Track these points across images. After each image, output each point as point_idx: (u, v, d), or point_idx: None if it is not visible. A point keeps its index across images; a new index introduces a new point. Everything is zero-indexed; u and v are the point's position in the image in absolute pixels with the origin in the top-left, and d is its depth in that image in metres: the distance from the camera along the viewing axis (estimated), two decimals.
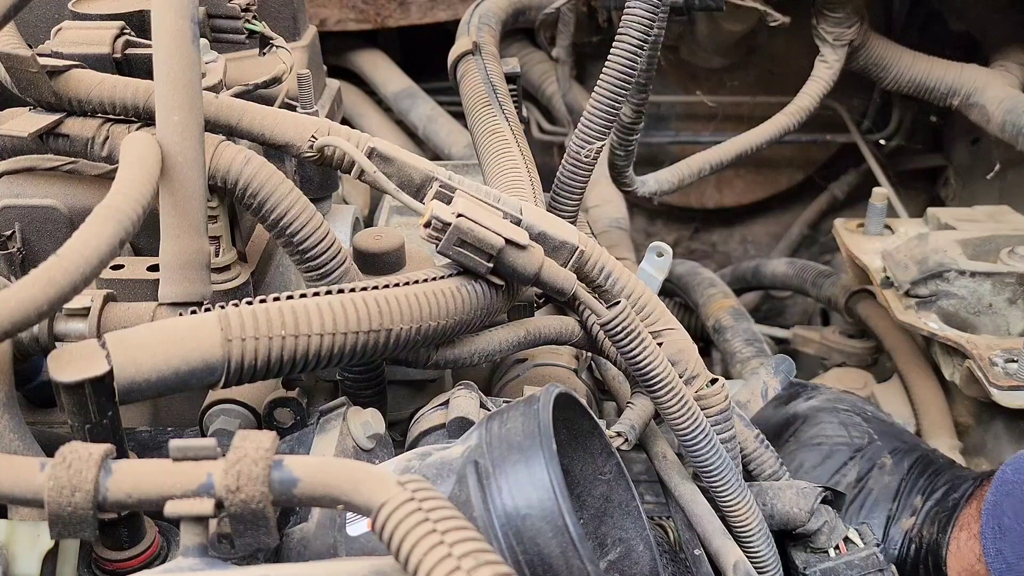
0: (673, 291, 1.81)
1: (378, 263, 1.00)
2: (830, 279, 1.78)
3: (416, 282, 0.85)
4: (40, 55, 0.89)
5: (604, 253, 0.97)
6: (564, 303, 0.98)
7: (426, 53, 1.98)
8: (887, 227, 1.62)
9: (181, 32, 0.82)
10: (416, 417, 0.96)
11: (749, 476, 1.10)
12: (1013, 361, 1.28)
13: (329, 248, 0.89)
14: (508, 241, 0.86)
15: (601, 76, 1.12)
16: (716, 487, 0.95)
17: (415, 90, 2.00)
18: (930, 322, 1.40)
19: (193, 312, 0.77)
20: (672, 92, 2.15)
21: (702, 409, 0.94)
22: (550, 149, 2.13)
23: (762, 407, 1.17)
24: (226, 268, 0.95)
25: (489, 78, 1.27)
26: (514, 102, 1.27)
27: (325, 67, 1.45)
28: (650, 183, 1.53)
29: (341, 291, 0.80)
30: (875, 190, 1.59)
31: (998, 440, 1.45)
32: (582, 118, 1.14)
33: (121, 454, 0.70)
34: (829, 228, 1.89)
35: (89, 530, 0.60)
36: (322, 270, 0.90)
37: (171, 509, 0.59)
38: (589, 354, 1.19)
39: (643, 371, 0.91)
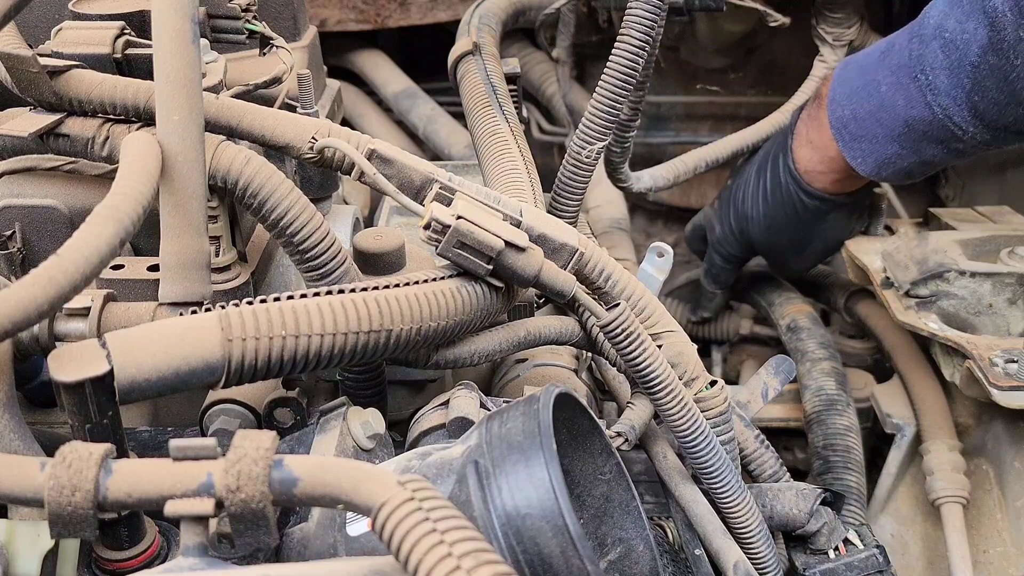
0: (743, 292, 1.82)
1: (378, 263, 1.00)
2: (829, 279, 1.77)
3: (416, 283, 0.85)
4: (40, 55, 0.89)
5: (604, 255, 0.97)
6: (564, 305, 0.98)
7: (426, 53, 1.98)
8: (887, 227, 1.61)
9: (181, 32, 0.82)
10: (416, 417, 0.96)
11: (749, 477, 1.10)
12: (1013, 361, 1.28)
13: (329, 248, 0.89)
14: (508, 243, 0.86)
15: (603, 77, 1.12)
16: (715, 488, 0.95)
17: (415, 90, 2.00)
18: (930, 322, 1.39)
19: (193, 312, 0.77)
20: (672, 92, 2.14)
21: (702, 411, 0.94)
22: (550, 149, 2.13)
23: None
24: (226, 268, 0.95)
25: (489, 78, 1.26)
26: (514, 102, 1.26)
27: (325, 67, 1.45)
28: (645, 179, 1.53)
29: (341, 291, 0.80)
30: (875, 190, 1.59)
31: (998, 440, 1.44)
32: (583, 118, 1.14)
33: (121, 454, 0.70)
34: None
35: (89, 530, 0.60)
36: (322, 270, 0.90)
37: (171, 509, 0.59)
38: (589, 354, 1.19)
39: (642, 373, 0.91)
